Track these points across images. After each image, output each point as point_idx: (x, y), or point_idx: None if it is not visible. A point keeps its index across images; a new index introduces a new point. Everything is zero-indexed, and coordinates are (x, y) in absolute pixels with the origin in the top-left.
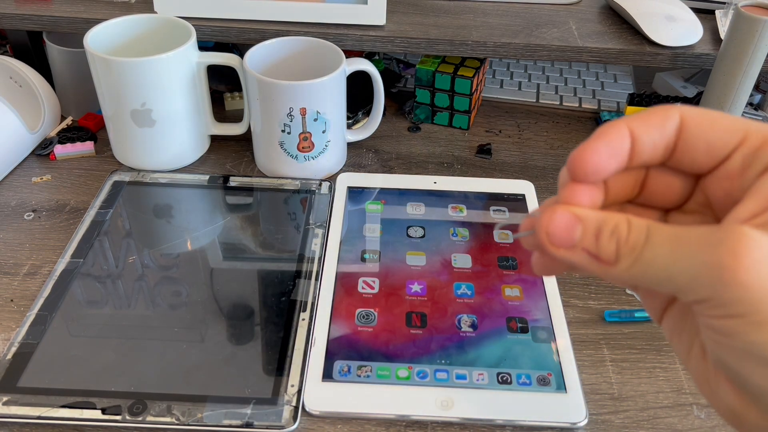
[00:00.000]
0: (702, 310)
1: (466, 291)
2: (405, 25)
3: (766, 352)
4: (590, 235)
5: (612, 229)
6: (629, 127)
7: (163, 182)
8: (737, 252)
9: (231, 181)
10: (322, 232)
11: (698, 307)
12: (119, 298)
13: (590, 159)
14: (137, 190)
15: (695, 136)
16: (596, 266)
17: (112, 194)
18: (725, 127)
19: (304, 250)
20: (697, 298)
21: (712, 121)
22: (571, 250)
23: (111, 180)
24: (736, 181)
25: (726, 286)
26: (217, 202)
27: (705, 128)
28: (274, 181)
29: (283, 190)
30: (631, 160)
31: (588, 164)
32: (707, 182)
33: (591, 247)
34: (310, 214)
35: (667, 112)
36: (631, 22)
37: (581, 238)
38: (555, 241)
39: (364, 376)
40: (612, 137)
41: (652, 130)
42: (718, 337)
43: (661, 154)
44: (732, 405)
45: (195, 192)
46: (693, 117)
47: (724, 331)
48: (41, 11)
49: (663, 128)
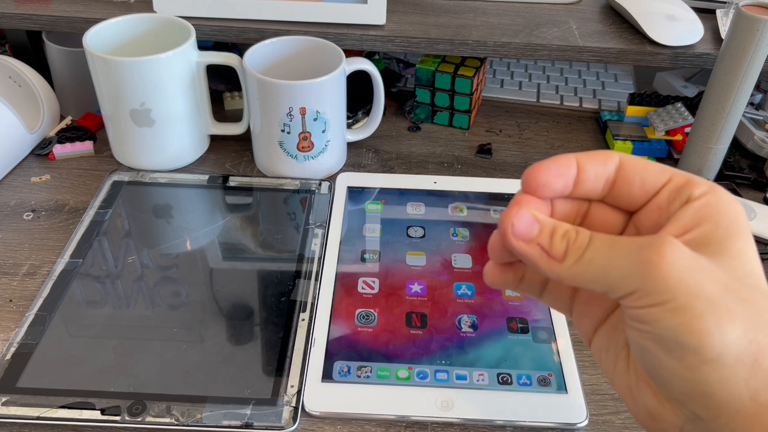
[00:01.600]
0: (629, 302)
1: (467, 291)
2: (405, 25)
3: (678, 335)
4: (546, 234)
5: (563, 233)
6: (577, 158)
7: (163, 182)
8: (661, 251)
9: (230, 181)
10: (322, 231)
11: (626, 301)
12: (118, 299)
13: (541, 175)
14: (136, 189)
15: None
16: (545, 261)
17: (111, 194)
18: (656, 169)
19: (304, 250)
20: (626, 291)
21: (645, 164)
22: (528, 243)
23: (110, 180)
24: (663, 212)
25: (649, 278)
26: (216, 202)
27: (639, 168)
28: (273, 181)
29: (282, 190)
30: (576, 187)
31: (539, 178)
32: (638, 216)
33: (545, 243)
34: (309, 213)
35: (609, 153)
36: (631, 21)
37: (538, 234)
38: (516, 232)
39: (364, 376)
40: (562, 162)
41: (596, 163)
42: (641, 326)
43: (601, 187)
44: (650, 406)
45: (194, 192)
46: (630, 159)
47: (646, 320)
48: (40, 11)
49: (605, 164)
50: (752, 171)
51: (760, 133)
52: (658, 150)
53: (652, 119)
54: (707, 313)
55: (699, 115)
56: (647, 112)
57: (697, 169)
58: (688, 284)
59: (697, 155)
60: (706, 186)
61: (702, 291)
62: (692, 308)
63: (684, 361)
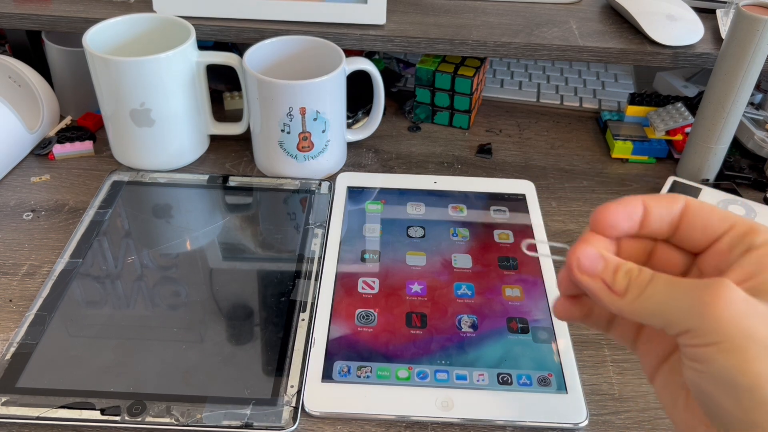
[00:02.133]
0: (685, 340)
1: (467, 291)
2: (405, 25)
3: (732, 376)
4: (610, 270)
5: (627, 270)
6: (644, 200)
7: (162, 182)
8: (718, 294)
9: (230, 181)
10: (321, 231)
11: (682, 338)
12: (118, 299)
13: (609, 217)
14: (136, 190)
15: (696, 217)
16: (607, 295)
17: (111, 194)
18: (719, 216)
19: (304, 250)
20: (682, 329)
21: (710, 210)
22: (592, 277)
23: (110, 180)
24: (724, 258)
25: (705, 317)
26: (216, 202)
27: (703, 213)
28: (273, 181)
29: (282, 190)
30: (642, 228)
31: (607, 220)
32: (702, 259)
33: (608, 278)
34: (309, 214)
35: (676, 197)
36: (631, 21)
37: (603, 270)
38: (581, 267)
39: (364, 376)
40: (629, 203)
41: (662, 206)
42: (697, 365)
43: (666, 228)
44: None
45: (194, 192)
46: (694, 204)
47: (701, 359)
48: (40, 11)
49: (671, 207)
50: (752, 171)
51: (760, 132)
52: (658, 150)
53: (653, 119)
54: (762, 356)
55: (699, 115)
56: (647, 112)
57: (697, 169)
58: (743, 327)
59: (697, 155)
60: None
61: (757, 334)
62: (746, 350)
63: (739, 403)
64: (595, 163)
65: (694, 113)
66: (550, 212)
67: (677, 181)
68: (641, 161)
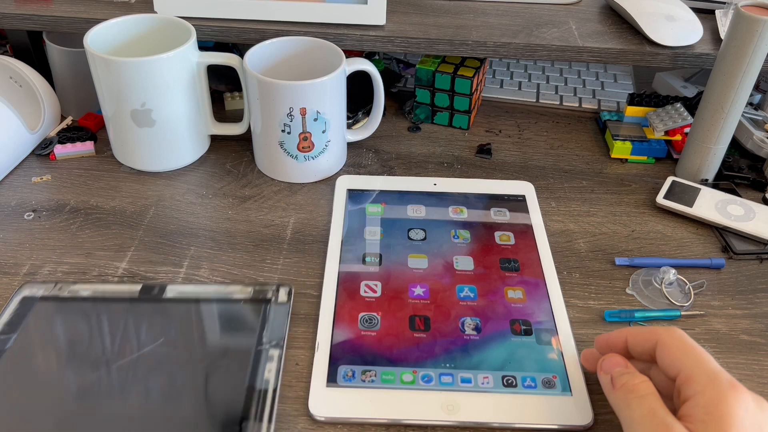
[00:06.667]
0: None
1: (469, 294)
2: (405, 25)
3: None
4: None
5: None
6: (627, 333)
7: (85, 295)
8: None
9: (168, 292)
10: (278, 353)
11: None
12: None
13: (599, 346)
14: (51, 308)
15: (663, 352)
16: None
17: (18, 314)
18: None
19: (255, 381)
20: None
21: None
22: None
23: (19, 296)
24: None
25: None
26: (148, 321)
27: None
28: (220, 289)
29: (231, 300)
30: (628, 354)
31: (599, 348)
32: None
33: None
34: (263, 330)
35: (653, 332)
36: (631, 21)
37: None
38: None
39: (369, 380)
40: (611, 338)
41: (637, 343)
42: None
43: (647, 357)
44: None
45: (123, 307)
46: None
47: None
48: (41, 11)
49: (645, 344)
50: (751, 171)
51: (759, 133)
52: (658, 150)
53: (652, 119)
54: None
55: (698, 115)
56: (646, 113)
57: (696, 169)
58: None
59: (696, 155)
60: (700, 385)
61: None
62: None
63: None
64: (595, 163)
65: (693, 113)
66: (550, 212)
67: (676, 181)
68: (640, 161)
